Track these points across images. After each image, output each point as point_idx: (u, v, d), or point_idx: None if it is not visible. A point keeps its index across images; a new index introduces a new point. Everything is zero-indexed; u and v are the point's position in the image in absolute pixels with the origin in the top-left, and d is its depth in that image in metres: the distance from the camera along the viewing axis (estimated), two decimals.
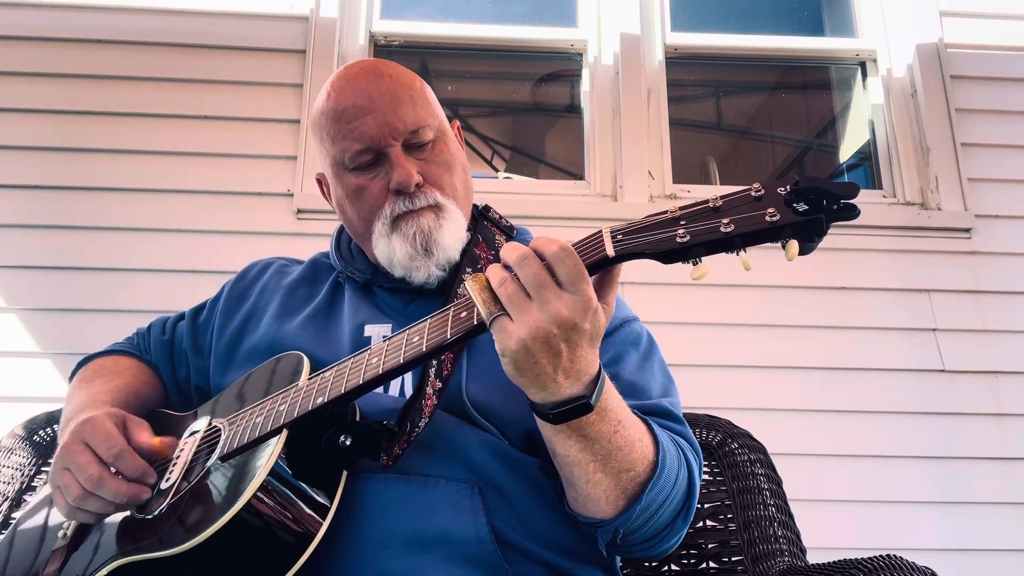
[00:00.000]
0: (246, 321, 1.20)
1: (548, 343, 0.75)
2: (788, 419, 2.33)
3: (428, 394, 0.94)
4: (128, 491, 0.89)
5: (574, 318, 0.75)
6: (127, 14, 2.58)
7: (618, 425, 0.84)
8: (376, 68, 1.10)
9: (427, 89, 1.14)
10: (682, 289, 2.36)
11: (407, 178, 1.03)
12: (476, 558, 0.89)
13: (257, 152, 2.48)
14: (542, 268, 0.76)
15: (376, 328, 1.08)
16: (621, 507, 0.88)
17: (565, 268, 0.76)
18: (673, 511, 0.93)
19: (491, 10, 2.97)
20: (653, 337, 1.13)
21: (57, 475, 0.93)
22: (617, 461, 0.85)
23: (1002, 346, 2.43)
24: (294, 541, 0.83)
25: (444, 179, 1.08)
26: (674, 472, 0.91)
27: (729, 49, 2.87)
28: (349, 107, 1.05)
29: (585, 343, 0.78)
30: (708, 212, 0.75)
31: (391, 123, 1.04)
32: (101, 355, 1.29)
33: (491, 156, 3.44)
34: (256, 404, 0.98)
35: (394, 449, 0.90)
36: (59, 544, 0.97)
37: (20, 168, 2.42)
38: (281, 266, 1.31)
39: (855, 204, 0.70)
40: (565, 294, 0.75)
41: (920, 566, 0.85)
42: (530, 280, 0.76)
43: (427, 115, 1.08)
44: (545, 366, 0.77)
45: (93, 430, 0.93)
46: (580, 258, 0.77)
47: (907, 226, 2.53)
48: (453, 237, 1.07)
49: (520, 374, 0.79)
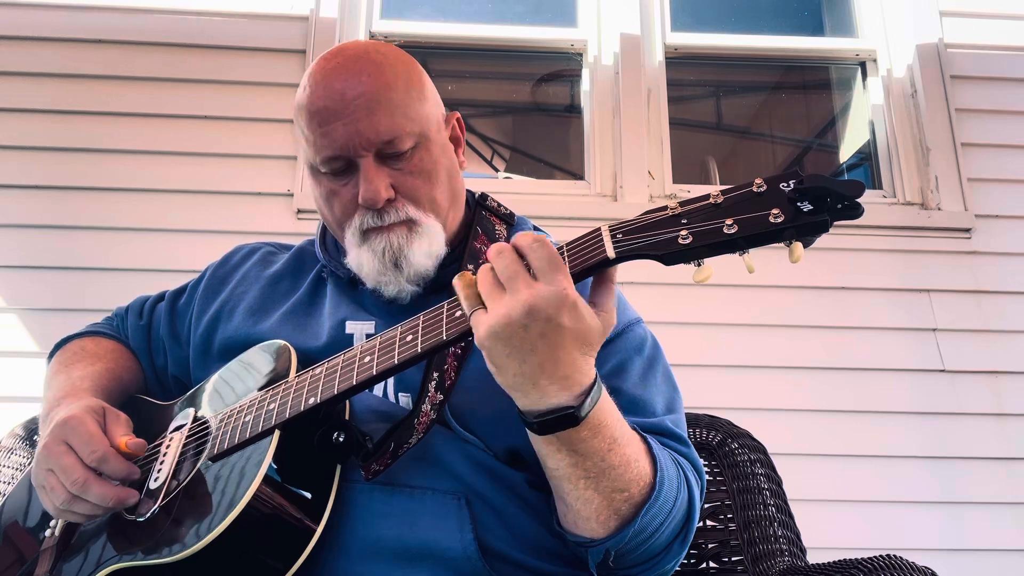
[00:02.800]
0: (220, 311, 1.15)
1: (519, 334, 0.72)
2: (788, 419, 2.32)
3: (424, 411, 0.90)
4: (115, 495, 0.88)
5: (546, 308, 0.72)
6: (127, 14, 2.57)
7: (613, 443, 0.80)
8: (356, 63, 0.99)
9: (415, 84, 1.02)
10: (682, 289, 2.36)
11: (374, 196, 0.96)
12: (463, 572, 0.87)
13: (257, 152, 2.48)
14: (516, 259, 0.74)
15: (358, 325, 1.04)
16: (613, 528, 0.84)
17: (536, 256, 0.74)
18: (670, 535, 0.88)
19: (491, 10, 2.97)
20: (657, 340, 1.09)
21: (41, 475, 0.92)
22: (611, 480, 0.81)
23: (1002, 346, 2.42)
24: (291, 542, 0.83)
25: (420, 191, 1.00)
26: (672, 495, 0.87)
27: (729, 49, 2.87)
28: (321, 108, 0.97)
29: (568, 343, 0.74)
30: (710, 209, 0.72)
31: (363, 132, 0.95)
32: (81, 336, 1.24)
33: (491, 156, 3.44)
34: (244, 400, 0.95)
35: (372, 466, 0.87)
36: (47, 544, 0.96)
37: (20, 168, 2.42)
38: (267, 253, 1.25)
39: (860, 203, 0.68)
40: (537, 283, 0.73)
41: (920, 566, 0.85)
42: (503, 271, 0.74)
43: (407, 121, 0.98)
44: (521, 364, 0.74)
45: (75, 431, 0.91)
46: (580, 254, 0.75)
47: (907, 226, 2.53)
48: (425, 254, 1.00)
49: (499, 372, 0.76)
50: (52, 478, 0.90)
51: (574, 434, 0.78)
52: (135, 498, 0.90)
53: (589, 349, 0.77)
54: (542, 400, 0.76)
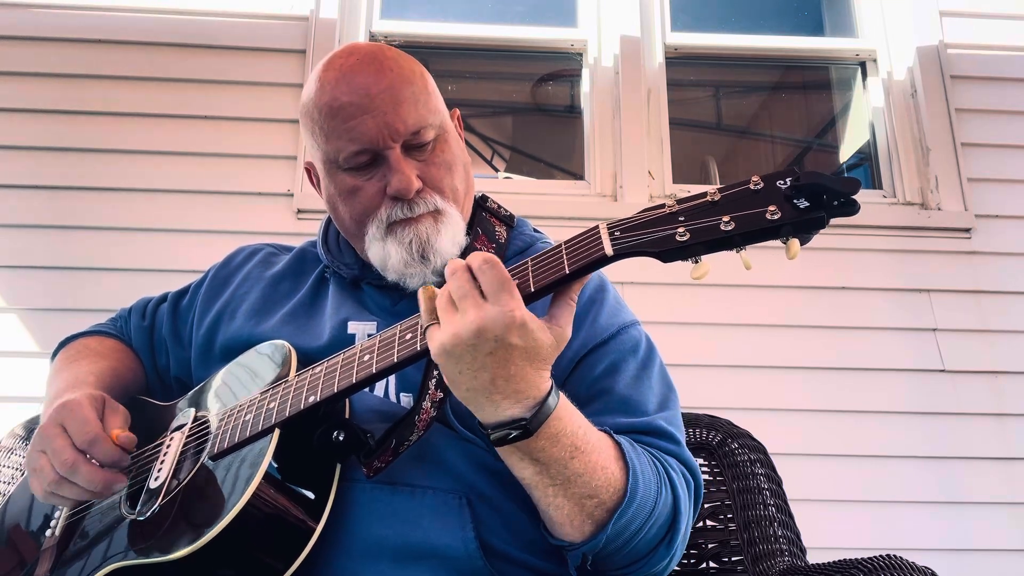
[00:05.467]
0: (222, 312, 1.16)
1: (468, 353, 0.74)
2: (788, 419, 2.32)
3: (425, 408, 0.91)
4: (102, 479, 0.89)
5: (493, 329, 0.73)
6: (127, 14, 2.58)
7: (575, 451, 0.82)
8: (376, 59, 1.01)
9: (428, 80, 1.06)
10: (682, 289, 2.36)
11: (407, 185, 0.98)
12: (464, 571, 0.88)
13: (257, 152, 2.48)
14: (468, 279, 0.76)
15: (360, 325, 1.05)
16: (588, 533, 0.86)
17: (486, 279, 0.75)
18: (654, 537, 0.89)
19: (491, 10, 2.98)
20: (653, 342, 1.08)
21: (34, 457, 0.92)
22: (578, 487, 0.83)
23: (1002, 346, 2.42)
24: (292, 541, 0.83)
25: (445, 181, 1.02)
26: (651, 500, 0.88)
27: (729, 49, 2.87)
28: (346, 104, 0.98)
29: (517, 359, 0.76)
30: (707, 207, 0.73)
31: (392, 124, 0.97)
32: (84, 335, 1.25)
33: (491, 156, 3.44)
34: (244, 399, 0.96)
35: (374, 463, 0.88)
36: (48, 544, 0.96)
37: (20, 168, 2.42)
38: (268, 254, 1.25)
39: (856, 200, 0.69)
40: (486, 304, 0.74)
41: (920, 566, 0.85)
42: (455, 291, 0.76)
43: (428, 113, 1.01)
44: (472, 379, 0.76)
45: (71, 413, 0.93)
46: (579, 252, 0.76)
47: (907, 226, 2.53)
48: (451, 242, 1.02)
49: (453, 385, 0.79)
50: (43, 459, 0.91)
51: (531, 444, 0.80)
52: (123, 483, 0.91)
53: (542, 363, 0.78)
54: (496, 413, 0.79)
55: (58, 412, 0.93)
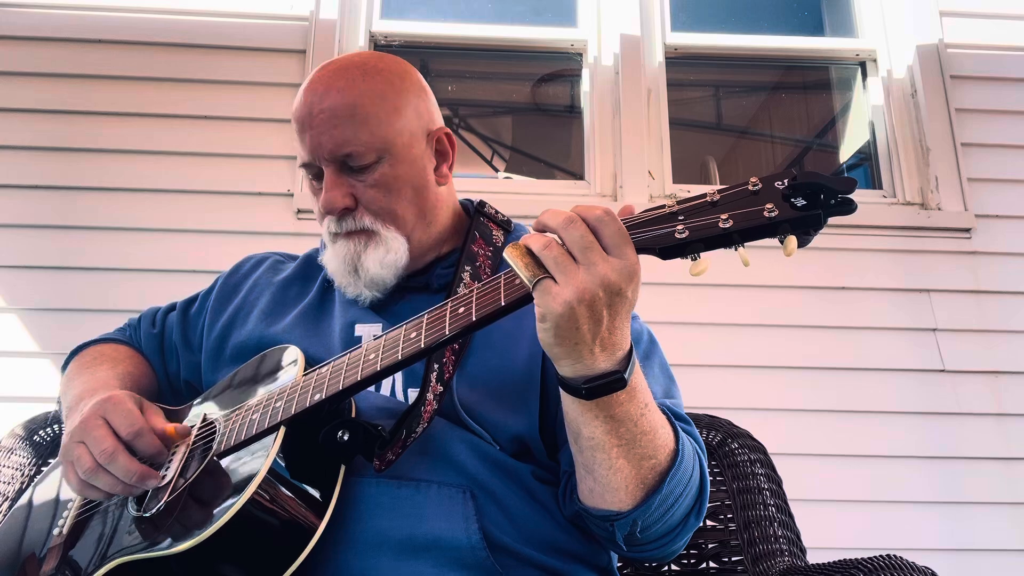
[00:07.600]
0: (234, 316, 1.19)
1: (593, 307, 0.74)
2: (788, 419, 2.32)
3: (428, 400, 0.93)
4: (140, 471, 0.90)
5: (620, 282, 0.74)
6: (127, 14, 2.58)
7: (644, 408, 0.83)
8: (333, 77, 1.04)
9: (390, 99, 1.05)
10: (682, 289, 2.36)
11: (329, 204, 1.03)
12: (468, 563, 0.89)
13: (257, 152, 2.48)
14: (588, 231, 0.75)
15: (367, 327, 1.07)
16: (640, 498, 0.86)
17: (610, 232, 0.75)
18: (687, 507, 0.91)
19: (491, 10, 2.97)
20: (654, 335, 1.11)
21: (71, 448, 0.93)
22: (641, 447, 0.84)
23: (1002, 346, 2.42)
24: (294, 538, 0.83)
25: (378, 204, 1.04)
26: (691, 464, 0.90)
27: (729, 49, 2.86)
28: (299, 116, 1.05)
29: (625, 313, 0.77)
30: (706, 207, 0.74)
31: (324, 144, 1.02)
32: (97, 342, 1.28)
33: (491, 156, 3.44)
34: (252, 400, 0.98)
35: (387, 455, 0.89)
36: (55, 542, 0.97)
37: (20, 168, 2.42)
38: (275, 262, 1.29)
39: (852, 199, 0.70)
40: (612, 258, 0.74)
41: (920, 566, 0.85)
42: (576, 243, 0.74)
43: (369, 136, 1.02)
44: (585, 334, 0.75)
45: (115, 407, 0.94)
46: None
47: (907, 226, 2.53)
48: (378, 264, 1.05)
49: (559, 342, 0.76)
50: (81, 448, 0.92)
51: (617, 397, 0.80)
52: (155, 479, 0.91)
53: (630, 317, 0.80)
54: (592, 366, 0.78)
55: (100, 406, 0.95)
